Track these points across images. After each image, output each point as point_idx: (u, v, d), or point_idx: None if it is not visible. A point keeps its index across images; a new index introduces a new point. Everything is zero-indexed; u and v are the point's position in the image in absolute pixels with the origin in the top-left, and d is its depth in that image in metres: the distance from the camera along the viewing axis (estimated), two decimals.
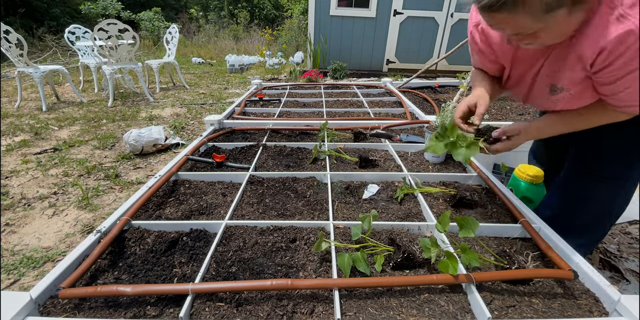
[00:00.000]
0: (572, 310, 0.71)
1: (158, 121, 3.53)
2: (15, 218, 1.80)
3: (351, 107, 2.30)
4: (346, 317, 0.68)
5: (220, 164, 1.36)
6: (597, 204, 1.11)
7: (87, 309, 0.71)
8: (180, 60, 8.04)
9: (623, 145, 1.02)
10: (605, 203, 1.11)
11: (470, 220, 0.76)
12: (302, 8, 9.74)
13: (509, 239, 0.95)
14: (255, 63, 7.17)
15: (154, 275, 0.79)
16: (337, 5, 5.53)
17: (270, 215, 1.04)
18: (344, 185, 1.21)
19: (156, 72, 4.86)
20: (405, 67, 5.92)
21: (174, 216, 1.03)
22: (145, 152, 2.64)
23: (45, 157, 2.58)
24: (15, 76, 3.98)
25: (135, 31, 4.01)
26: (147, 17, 12.32)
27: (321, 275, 0.79)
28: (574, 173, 1.13)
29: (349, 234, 0.93)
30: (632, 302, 0.68)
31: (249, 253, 0.86)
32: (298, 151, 1.52)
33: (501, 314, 0.70)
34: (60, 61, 6.65)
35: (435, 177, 1.27)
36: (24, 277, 1.39)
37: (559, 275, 0.76)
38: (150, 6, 14.21)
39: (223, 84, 5.61)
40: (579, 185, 1.12)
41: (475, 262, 0.73)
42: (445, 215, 0.79)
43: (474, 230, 0.75)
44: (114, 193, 2.07)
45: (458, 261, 0.76)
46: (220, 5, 17.44)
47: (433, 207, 1.08)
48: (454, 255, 0.76)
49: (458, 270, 0.74)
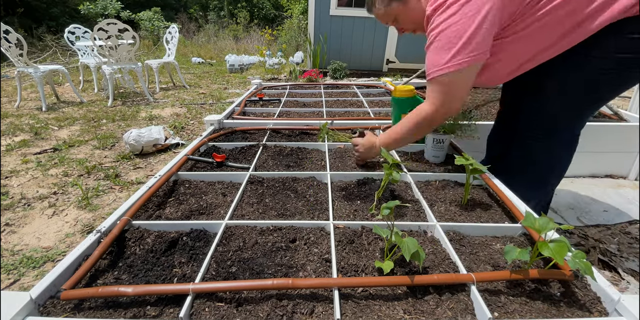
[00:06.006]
0: (572, 310, 0.71)
1: (158, 121, 3.53)
2: (15, 218, 1.80)
3: (351, 107, 2.30)
4: (346, 317, 0.68)
5: (221, 164, 1.36)
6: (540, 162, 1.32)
7: (87, 309, 0.71)
8: (180, 60, 8.04)
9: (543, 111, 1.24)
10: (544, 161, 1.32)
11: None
12: (302, 8, 9.74)
13: (510, 238, 0.96)
14: (255, 63, 7.16)
15: (154, 275, 0.79)
16: (337, 5, 5.53)
17: (270, 215, 1.04)
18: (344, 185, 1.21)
19: (156, 72, 4.86)
20: (405, 67, 5.92)
21: (174, 216, 1.03)
22: (145, 152, 2.64)
23: (45, 157, 2.58)
24: (15, 76, 3.98)
25: (135, 31, 4.01)
26: (147, 17, 12.32)
27: (321, 275, 0.79)
28: (518, 142, 1.35)
29: (349, 233, 0.93)
30: (632, 302, 0.68)
31: (249, 253, 0.86)
32: (298, 151, 1.52)
33: (501, 314, 0.70)
34: (60, 61, 6.65)
35: (435, 177, 1.27)
36: (24, 277, 1.39)
37: (559, 276, 0.76)
38: (149, 6, 14.20)
39: (223, 83, 5.61)
40: (523, 149, 1.33)
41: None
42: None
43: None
44: (114, 193, 2.07)
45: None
46: (220, 5, 17.43)
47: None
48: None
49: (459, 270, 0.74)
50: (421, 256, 0.74)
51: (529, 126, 1.29)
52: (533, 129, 1.28)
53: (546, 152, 1.28)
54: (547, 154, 1.29)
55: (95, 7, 11.79)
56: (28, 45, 3.80)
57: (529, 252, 0.73)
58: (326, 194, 1.15)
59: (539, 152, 1.29)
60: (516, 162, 1.36)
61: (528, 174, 1.33)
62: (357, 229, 0.95)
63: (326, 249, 0.88)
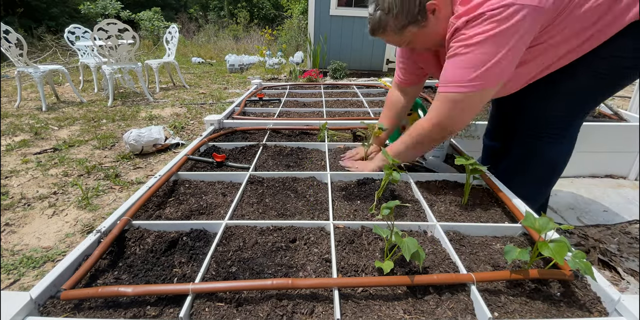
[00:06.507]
0: (572, 310, 0.71)
1: (158, 121, 3.53)
2: (15, 218, 1.80)
3: (351, 107, 2.30)
4: (346, 317, 0.68)
5: (221, 164, 1.36)
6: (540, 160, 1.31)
7: (87, 309, 0.71)
8: (180, 60, 8.03)
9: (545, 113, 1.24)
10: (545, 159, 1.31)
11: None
12: (302, 8, 9.74)
13: (510, 238, 0.96)
14: (255, 63, 7.16)
15: (154, 275, 0.79)
16: (337, 5, 5.53)
17: (270, 215, 1.04)
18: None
19: (156, 72, 4.86)
20: None
21: (174, 216, 1.03)
22: (145, 152, 2.64)
23: (45, 157, 2.58)
24: (15, 76, 3.98)
25: (135, 31, 4.01)
26: (147, 17, 12.32)
27: (321, 275, 0.79)
28: (519, 140, 1.34)
29: (349, 233, 0.93)
30: (632, 302, 0.68)
31: (249, 253, 0.86)
32: (298, 151, 1.52)
33: (501, 314, 0.70)
34: (60, 61, 6.65)
35: (435, 177, 1.27)
36: (24, 277, 1.39)
37: (559, 276, 0.76)
38: (149, 6, 14.21)
39: (223, 83, 5.61)
40: (524, 148, 1.32)
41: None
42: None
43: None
44: (114, 193, 2.07)
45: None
46: (220, 5, 17.44)
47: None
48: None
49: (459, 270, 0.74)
50: (421, 256, 0.73)
51: (532, 125, 1.27)
52: (537, 128, 1.26)
53: (550, 152, 1.28)
54: (551, 153, 1.28)
55: (95, 7, 11.79)
56: (28, 45, 3.80)
57: (529, 252, 0.73)
58: (326, 194, 1.15)
59: (543, 152, 1.28)
60: (518, 162, 1.35)
61: (530, 173, 1.33)
62: (357, 229, 0.95)
63: (326, 249, 0.88)
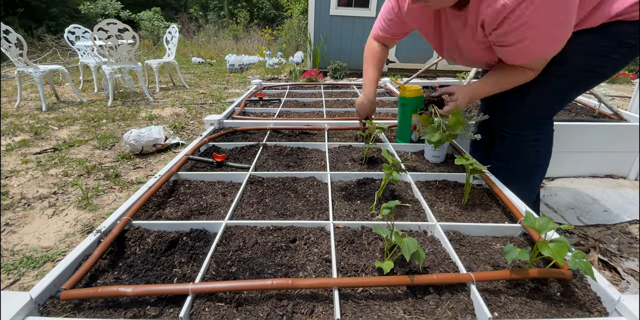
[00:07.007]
0: (572, 310, 0.71)
1: (158, 121, 3.53)
2: (15, 218, 1.80)
3: (351, 107, 2.30)
4: (346, 317, 0.68)
5: (221, 164, 1.36)
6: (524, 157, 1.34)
7: (87, 308, 0.71)
8: (180, 60, 8.04)
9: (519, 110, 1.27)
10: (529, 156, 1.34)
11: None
12: (302, 8, 9.74)
13: (510, 238, 0.96)
14: (255, 63, 7.16)
15: (154, 275, 0.79)
16: (337, 5, 5.53)
17: (270, 215, 1.04)
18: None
19: (156, 72, 4.86)
20: (405, 67, 5.92)
21: (174, 216, 1.03)
22: (145, 152, 2.64)
23: (45, 157, 2.58)
24: (15, 76, 3.98)
25: (135, 31, 4.01)
26: (147, 17, 12.33)
27: (321, 275, 0.79)
28: (500, 138, 1.36)
29: (349, 233, 0.93)
30: (632, 302, 0.68)
31: (249, 253, 0.86)
32: (298, 151, 1.52)
33: (501, 314, 0.70)
34: (60, 61, 6.65)
35: (435, 177, 1.27)
36: (24, 277, 1.39)
37: (559, 276, 0.76)
38: (149, 6, 14.21)
39: (223, 83, 5.61)
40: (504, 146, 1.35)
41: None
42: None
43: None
44: (114, 193, 2.07)
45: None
46: (220, 5, 17.44)
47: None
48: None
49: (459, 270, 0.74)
50: (421, 256, 0.74)
51: (510, 123, 1.30)
52: (515, 124, 1.28)
53: (530, 147, 1.29)
54: (532, 149, 1.29)
55: (95, 7, 11.79)
56: (28, 45, 3.80)
57: (528, 252, 0.73)
58: (326, 194, 1.15)
59: (523, 148, 1.29)
60: (501, 161, 1.36)
61: (514, 170, 1.33)
62: (357, 229, 0.95)
63: (326, 249, 0.88)
